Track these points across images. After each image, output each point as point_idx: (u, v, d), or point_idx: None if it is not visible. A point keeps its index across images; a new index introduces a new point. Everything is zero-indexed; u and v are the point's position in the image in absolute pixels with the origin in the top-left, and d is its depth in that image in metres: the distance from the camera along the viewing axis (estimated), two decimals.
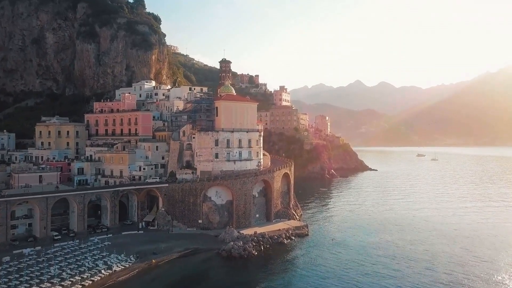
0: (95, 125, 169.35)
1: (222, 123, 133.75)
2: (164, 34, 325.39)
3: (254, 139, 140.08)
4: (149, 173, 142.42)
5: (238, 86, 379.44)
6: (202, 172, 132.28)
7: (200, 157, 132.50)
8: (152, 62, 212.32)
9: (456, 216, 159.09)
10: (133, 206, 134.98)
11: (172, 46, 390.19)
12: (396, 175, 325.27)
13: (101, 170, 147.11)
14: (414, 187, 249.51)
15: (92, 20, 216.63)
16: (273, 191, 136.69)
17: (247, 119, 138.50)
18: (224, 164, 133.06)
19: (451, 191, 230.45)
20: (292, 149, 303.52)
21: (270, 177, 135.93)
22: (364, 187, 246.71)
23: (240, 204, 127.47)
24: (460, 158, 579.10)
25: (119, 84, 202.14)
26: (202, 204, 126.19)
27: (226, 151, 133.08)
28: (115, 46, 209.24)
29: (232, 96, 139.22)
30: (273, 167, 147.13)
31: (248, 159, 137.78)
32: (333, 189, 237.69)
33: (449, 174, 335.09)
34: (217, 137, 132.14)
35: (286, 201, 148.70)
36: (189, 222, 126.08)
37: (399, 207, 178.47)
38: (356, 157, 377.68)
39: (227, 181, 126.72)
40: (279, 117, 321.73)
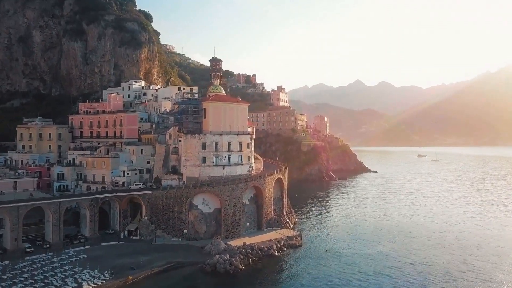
0: (79, 127, 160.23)
1: (210, 126, 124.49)
2: (158, 33, 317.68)
3: (245, 142, 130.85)
4: (133, 179, 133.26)
5: (234, 86, 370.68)
6: (188, 178, 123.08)
7: (187, 162, 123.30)
8: (141, 61, 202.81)
9: (459, 224, 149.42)
10: (115, 214, 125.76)
11: (168, 45, 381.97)
12: (396, 177, 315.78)
13: (83, 175, 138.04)
14: (414, 190, 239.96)
15: (80, 17, 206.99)
16: (264, 198, 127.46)
17: (237, 121, 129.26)
18: (212, 169, 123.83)
19: (453, 195, 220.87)
20: (289, 150, 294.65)
21: (262, 183, 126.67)
22: (363, 191, 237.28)
23: (229, 213, 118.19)
24: (461, 159, 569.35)
25: (107, 84, 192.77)
26: (188, 213, 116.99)
27: (214, 156, 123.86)
28: (102, 44, 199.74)
29: (221, 97, 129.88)
30: (265, 172, 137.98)
31: (238, 163, 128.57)
32: (330, 193, 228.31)
33: (451, 176, 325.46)
34: (205, 141, 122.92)
35: (279, 208, 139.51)
36: (173, 232, 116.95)
37: (399, 213, 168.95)
38: (355, 158, 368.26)
39: (214, 187, 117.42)
40: (276, 118, 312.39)
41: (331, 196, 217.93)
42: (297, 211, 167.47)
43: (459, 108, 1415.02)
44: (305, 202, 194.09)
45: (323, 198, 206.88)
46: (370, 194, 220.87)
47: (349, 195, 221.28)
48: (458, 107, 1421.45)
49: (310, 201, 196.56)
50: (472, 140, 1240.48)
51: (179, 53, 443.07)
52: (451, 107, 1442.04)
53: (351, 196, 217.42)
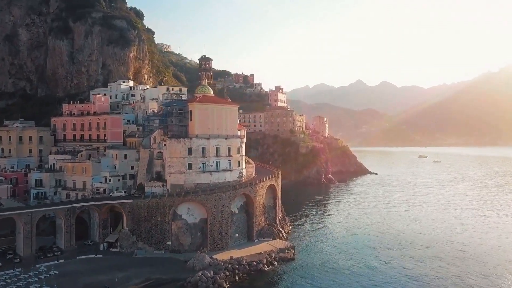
0: (62, 129, 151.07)
1: (196, 129, 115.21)
2: (153, 31, 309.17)
3: (235, 146, 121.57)
4: (116, 185, 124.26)
5: (232, 86, 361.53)
6: (172, 185, 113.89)
7: (171, 168, 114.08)
8: (130, 60, 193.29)
9: (464, 233, 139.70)
10: (95, 224, 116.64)
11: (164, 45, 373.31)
12: (397, 179, 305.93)
13: (63, 181, 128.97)
14: (416, 195, 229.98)
15: (66, 14, 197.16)
16: (255, 207, 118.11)
17: (226, 124, 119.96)
18: (199, 176, 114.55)
19: (456, 200, 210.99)
20: (287, 152, 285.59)
21: (252, 191, 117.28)
22: (363, 195, 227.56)
23: (216, 223, 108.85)
24: (463, 160, 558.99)
25: (94, 84, 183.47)
26: (171, 223, 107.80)
27: (200, 161, 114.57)
28: (89, 42, 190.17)
29: (208, 98, 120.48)
30: (257, 178, 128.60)
31: (227, 169, 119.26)
32: (329, 197, 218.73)
33: (453, 179, 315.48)
34: (190, 145, 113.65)
35: (271, 217, 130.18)
36: (156, 244, 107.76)
37: (400, 220, 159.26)
38: (355, 160, 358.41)
39: (200, 196, 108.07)
40: (274, 119, 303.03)
41: (329, 200, 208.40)
42: (292, 218, 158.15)
43: (460, 108, 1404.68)
44: (301, 207, 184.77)
45: (320, 203, 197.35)
46: (370, 199, 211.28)
47: (348, 199, 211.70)
48: (459, 107, 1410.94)
49: (306, 207, 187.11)
50: (473, 140, 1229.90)
51: (176, 53, 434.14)
52: (452, 107, 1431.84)
53: (350, 200, 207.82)
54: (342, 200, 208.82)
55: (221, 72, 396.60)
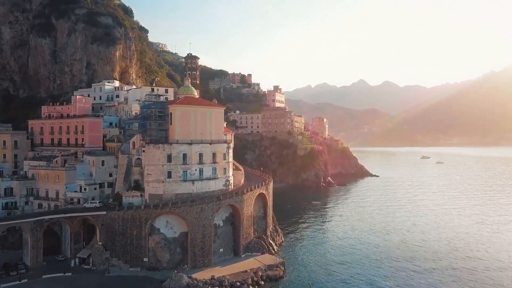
0: (39, 133, 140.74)
1: (176, 133, 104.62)
2: (146, 30, 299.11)
3: (220, 152, 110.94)
4: (92, 195, 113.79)
5: (229, 86, 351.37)
6: (151, 195, 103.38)
7: (149, 177, 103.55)
8: (115, 59, 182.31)
9: (470, 243, 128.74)
10: (66, 237, 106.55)
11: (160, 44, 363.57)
12: (399, 182, 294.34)
13: (35, 190, 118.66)
14: (419, 199, 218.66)
15: (49, 11, 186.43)
16: (242, 219, 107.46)
17: (210, 128, 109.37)
18: (179, 185, 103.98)
19: (461, 204, 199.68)
20: (285, 154, 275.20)
21: (239, 201, 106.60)
22: (363, 199, 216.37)
23: (197, 238, 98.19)
24: (466, 161, 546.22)
25: (78, 85, 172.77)
26: (148, 238, 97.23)
27: (181, 169, 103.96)
28: (72, 40, 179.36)
29: (191, 99, 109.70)
30: (245, 186, 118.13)
31: (211, 177, 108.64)
32: (327, 202, 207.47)
33: (457, 181, 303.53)
34: (170, 151, 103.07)
35: (261, 228, 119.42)
36: (131, 261, 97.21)
37: (402, 228, 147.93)
38: (356, 162, 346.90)
39: (179, 208, 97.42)
40: (272, 120, 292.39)
41: (327, 206, 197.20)
42: (286, 227, 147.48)
43: (463, 107, 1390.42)
44: (297, 214, 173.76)
45: (317, 210, 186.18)
46: (371, 204, 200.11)
47: (347, 205, 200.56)
48: (462, 107, 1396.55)
49: (302, 213, 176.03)
50: (476, 140, 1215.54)
51: (172, 52, 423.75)
52: (455, 107, 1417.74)
53: (349, 206, 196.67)
54: (341, 206, 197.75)
55: (218, 72, 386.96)
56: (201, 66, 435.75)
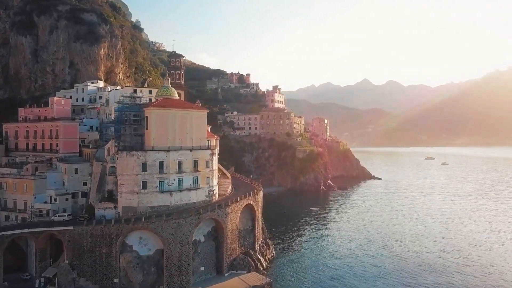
0: (14, 137, 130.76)
1: (152, 139, 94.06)
2: (141, 28, 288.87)
3: (203, 159, 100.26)
4: (63, 206, 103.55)
5: (226, 86, 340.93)
6: (124, 208, 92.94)
7: (122, 187, 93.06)
8: (100, 58, 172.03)
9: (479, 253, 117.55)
10: (32, 254, 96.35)
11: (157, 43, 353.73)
12: (402, 186, 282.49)
13: (2, 200, 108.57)
14: (423, 204, 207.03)
15: (30, 7, 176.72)
16: (226, 233, 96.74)
17: (191, 133, 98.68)
18: (155, 196, 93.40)
19: (468, 211, 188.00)
20: (283, 156, 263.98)
21: (222, 214, 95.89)
22: (364, 205, 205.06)
23: (174, 256, 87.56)
24: (471, 162, 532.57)
25: (61, 85, 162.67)
26: (119, 256, 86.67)
27: (158, 179, 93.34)
28: (54, 38, 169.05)
29: (169, 102, 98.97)
30: (231, 196, 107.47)
31: (192, 188, 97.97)
32: (326, 208, 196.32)
33: (463, 185, 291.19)
34: (145, 159, 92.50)
35: (249, 242, 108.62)
36: (101, 281, 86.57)
37: (403, 242, 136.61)
38: (357, 164, 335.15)
39: (153, 223, 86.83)
40: (270, 121, 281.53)
41: (325, 212, 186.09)
42: (279, 237, 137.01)
43: (468, 107, 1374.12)
44: (292, 222, 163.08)
45: (315, 217, 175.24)
46: (371, 211, 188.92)
47: (346, 211, 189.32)
48: (467, 106, 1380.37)
49: (298, 222, 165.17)
50: (481, 140, 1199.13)
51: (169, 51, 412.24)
52: (459, 106, 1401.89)
53: (349, 213, 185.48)
54: (340, 213, 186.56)
55: (216, 72, 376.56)
56: (199, 66, 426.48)
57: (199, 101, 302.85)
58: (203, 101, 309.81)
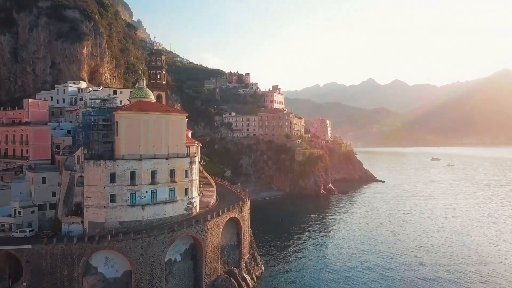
0: None
1: (122, 147, 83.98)
2: (135, 27, 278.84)
3: (180, 168, 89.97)
4: (29, 219, 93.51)
5: (225, 86, 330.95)
6: (91, 223, 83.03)
7: (89, 201, 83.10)
8: (83, 57, 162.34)
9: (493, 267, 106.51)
10: None
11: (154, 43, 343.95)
12: (406, 189, 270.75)
13: None
14: (427, 212, 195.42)
15: (10, 4, 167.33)
16: (205, 252, 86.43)
17: (167, 139, 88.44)
18: (125, 211, 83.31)
19: (474, 218, 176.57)
20: (282, 159, 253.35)
21: (201, 231, 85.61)
22: (366, 211, 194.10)
23: (143, 279, 77.45)
24: (478, 163, 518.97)
25: (41, 86, 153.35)
26: (82, 279, 76.77)
27: (128, 191, 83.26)
28: (34, 37, 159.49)
29: (142, 105, 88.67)
30: (214, 209, 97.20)
31: (168, 201, 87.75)
32: (324, 216, 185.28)
33: (469, 188, 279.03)
34: (114, 169, 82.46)
35: (234, 259, 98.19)
36: None
37: (406, 255, 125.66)
38: (360, 166, 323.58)
39: (121, 242, 76.78)
40: (269, 122, 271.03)
41: (323, 220, 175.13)
42: (270, 249, 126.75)
43: (474, 106, 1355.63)
44: (287, 231, 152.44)
45: (312, 225, 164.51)
46: (372, 219, 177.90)
47: (346, 219, 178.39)
48: (473, 106, 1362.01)
49: (294, 231, 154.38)
50: (488, 140, 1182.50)
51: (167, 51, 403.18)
52: (466, 106, 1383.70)
53: (349, 220, 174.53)
54: (340, 220, 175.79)
55: (214, 71, 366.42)
56: (197, 65, 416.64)
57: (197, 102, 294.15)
58: (200, 102, 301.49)
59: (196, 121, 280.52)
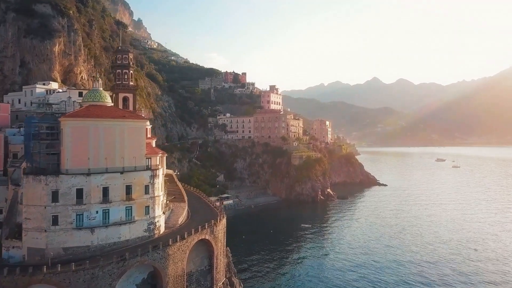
0: None
1: (67, 160, 71.22)
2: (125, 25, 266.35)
3: (139, 184, 76.90)
4: None
5: (220, 86, 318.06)
6: (30, 250, 70.27)
7: (28, 223, 70.41)
8: (54, 55, 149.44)
9: None
10: None
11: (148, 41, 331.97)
12: (408, 194, 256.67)
13: None
14: (430, 220, 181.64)
15: None
16: (166, 281, 73.41)
17: (122, 149, 75.39)
18: (71, 235, 70.34)
19: (482, 228, 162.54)
20: (278, 163, 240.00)
21: (160, 258, 72.59)
22: (363, 221, 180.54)
23: None
24: (485, 164, 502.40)
25: (10, 87, 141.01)
26: None
27: (74, 211, 70.33)
28: (2, 33, 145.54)
29: (94, 110, 75.63)
30: (183, 228, 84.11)
31: (123, 222, 74.66)
32: (319, 226, 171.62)
33: (475, 190, 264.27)
34: (57, 186, 69.57)
35: (205, 286, 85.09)
36: None
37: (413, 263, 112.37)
38: (361, 169, 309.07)
39: (59, 275, 63.87)
40: (265, 123, 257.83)
41: (317, 231, 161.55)
42: (255, 269, 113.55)
43: (481, 105, 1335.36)
44: (277, 244, 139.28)
45: (304, 237, 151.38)
46: (370, 228, 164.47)
47: (341, 229, 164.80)
48: (480, 105, 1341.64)
49: (284, 244, 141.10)
50: (494, 139, 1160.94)
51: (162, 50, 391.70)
52: (472, 105, 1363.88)
53: (344, 232, 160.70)
54: (335, 230, 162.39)
55: (209, 71, 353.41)
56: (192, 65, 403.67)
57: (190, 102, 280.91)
58: (193, 103, 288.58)
59: (189, 122, 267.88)
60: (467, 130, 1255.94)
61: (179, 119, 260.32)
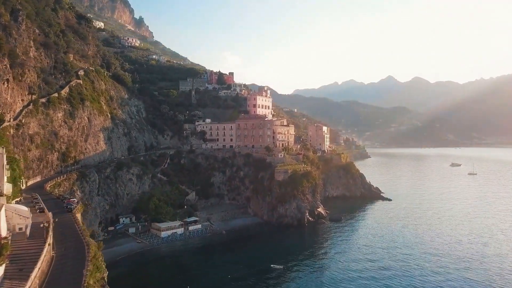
0: None
1: None
2: (86, 18, 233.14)
3: None
4: None
5: (203, 88, 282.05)
6: None
7: None
8: None
9: None
10: None
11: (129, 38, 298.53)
12: (416, 211, 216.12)
13: None
14: (441, 251, 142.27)
15: None
16: None
17: None
18: None
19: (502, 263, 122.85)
20: (260, 178, 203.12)
21: None
22: (357, 257, 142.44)
23: None
24: (504, 170, 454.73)
25: None
26: None
27: None
28: None
29: None
30: None
31: None
32: (294, 267, 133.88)
33: (495, 208, 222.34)
34: None
35: None
36: None
37: None
38: (362, 181, 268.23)
39: None
40: (248, 131, 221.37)
41: (288, 279, 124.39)
42: None
43: (499, 104, 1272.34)
44: None
45: (267, 284, 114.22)
46: (364, 267, 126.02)
47: (324, 272, 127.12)
48: (498, 103, 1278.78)
49: None
50: None
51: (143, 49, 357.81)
52: (490, 103, 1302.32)
53: (331, 276, 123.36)
54: (319, 275, 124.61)
55: (190, 70, 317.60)
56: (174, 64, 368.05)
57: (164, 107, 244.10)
58: (168, 107, 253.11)
59: (162, 130, 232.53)
60: (485, 130, 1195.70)
61: (150, 126, 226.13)
